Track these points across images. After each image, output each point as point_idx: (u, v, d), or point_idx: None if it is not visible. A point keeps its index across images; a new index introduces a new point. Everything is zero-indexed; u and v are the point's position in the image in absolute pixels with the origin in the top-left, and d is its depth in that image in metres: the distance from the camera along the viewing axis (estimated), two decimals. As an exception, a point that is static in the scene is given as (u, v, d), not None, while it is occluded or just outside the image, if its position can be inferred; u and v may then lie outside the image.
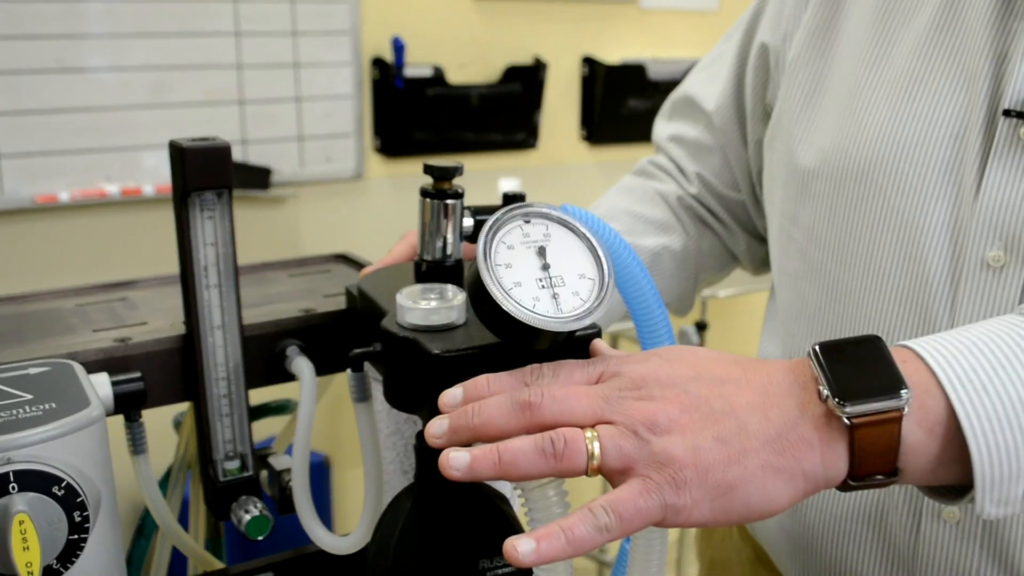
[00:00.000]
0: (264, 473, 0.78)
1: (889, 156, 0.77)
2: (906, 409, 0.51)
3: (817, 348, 0.53)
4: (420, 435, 0.65)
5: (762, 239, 1.03)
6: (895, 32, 0.80)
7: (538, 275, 0.57)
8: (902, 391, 0.51)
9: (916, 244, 0.75)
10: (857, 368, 0.52)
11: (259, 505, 0.75)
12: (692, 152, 1.02)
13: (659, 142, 1.07)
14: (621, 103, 2.56)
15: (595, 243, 0.59)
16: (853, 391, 0.51)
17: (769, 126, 0.91)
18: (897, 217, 0.76)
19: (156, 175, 2.02)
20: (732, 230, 1.02)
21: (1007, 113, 0.71)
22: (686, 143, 1.03)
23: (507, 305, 0.54)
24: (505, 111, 2.41)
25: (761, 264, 1.06)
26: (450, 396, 0.55)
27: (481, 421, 0.52)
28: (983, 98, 0.73)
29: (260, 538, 0.74)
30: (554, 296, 0.56)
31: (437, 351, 0.57)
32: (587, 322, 0.56)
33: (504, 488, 0.75)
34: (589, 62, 2.52)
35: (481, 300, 0.56)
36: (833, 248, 0.81)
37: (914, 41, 0.78)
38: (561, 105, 2.53)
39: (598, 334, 0.61)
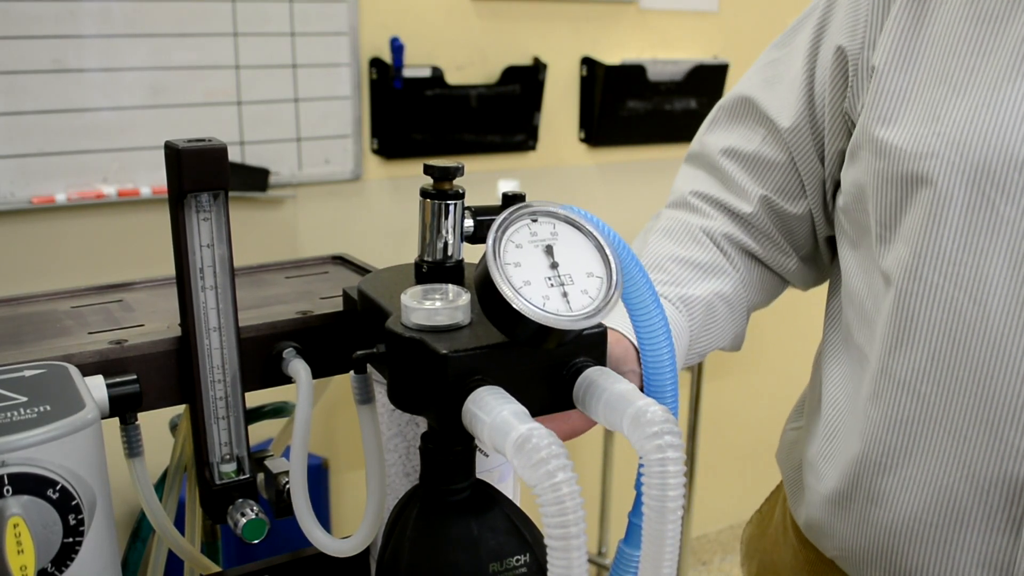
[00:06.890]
0: (261, 476, 0.77)
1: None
2: None
3: None
4: (425, 436, 0.65)
5: (813, 257, 1.01)
6: (993, 37, 0.76)
7: (547, 274, 0.57)
8: None
9: None
10: None
11: (256, 508, 0.74)
12: (750, 168, 0.97)
13: (709, 155, 1.01)
14: (621, 104, 2.55)
15: (602, 242, 0.59)
16: None
17: (854, 137, 0.86)
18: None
19: (153, 176, 2.02)
20: (784, 250, 0.99)
21: None
22: (743, 157, 0.97)
23: (517, 303, 0.54)
24: (504, 112, 2.40)
25: (813, 280, 1.03)
26: None
27: None
28: None
29: (256, 541, 0.74)
30: (564, 294, 0.56)
31: (445, 351, 0.56)
32: (597, 320, 0.56)
33: (506, 488, 0.75)
34: (588, 63, 2.51)
35: (491, 299, 0.55)
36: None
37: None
38: (560, 106, 2.53)
39: (604, 334, 0.61)
